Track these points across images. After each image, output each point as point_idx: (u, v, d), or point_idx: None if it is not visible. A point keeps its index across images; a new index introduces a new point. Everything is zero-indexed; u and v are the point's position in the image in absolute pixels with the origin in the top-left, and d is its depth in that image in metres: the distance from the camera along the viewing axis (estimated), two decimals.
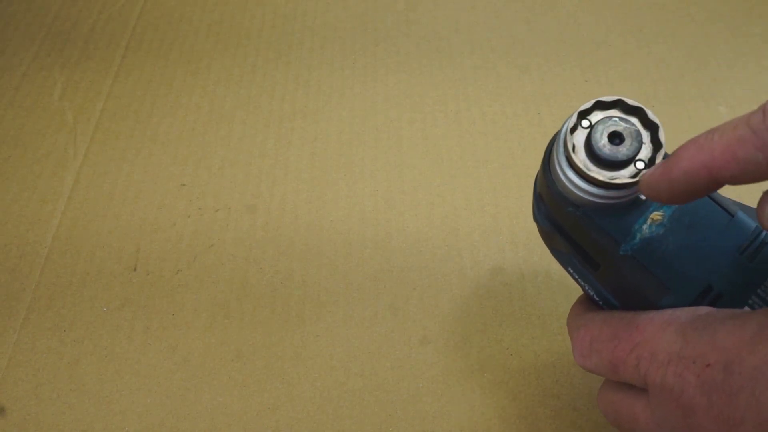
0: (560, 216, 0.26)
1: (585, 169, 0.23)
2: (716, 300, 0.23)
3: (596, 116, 0.24)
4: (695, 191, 0.21)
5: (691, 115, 0.49)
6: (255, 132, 0.50)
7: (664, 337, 0.22)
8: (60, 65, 0.55)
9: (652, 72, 0.53)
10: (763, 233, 0.24)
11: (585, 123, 0.23)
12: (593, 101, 0.23)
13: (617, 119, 0.23)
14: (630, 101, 0.23)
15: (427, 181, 0.46)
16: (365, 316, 0.39)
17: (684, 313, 0.23)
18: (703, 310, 0.23)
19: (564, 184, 0.24)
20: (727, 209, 0.24)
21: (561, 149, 0.24)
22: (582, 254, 0.26)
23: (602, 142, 0.23)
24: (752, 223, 0.24)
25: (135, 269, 0.42)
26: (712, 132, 0.20)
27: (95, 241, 0.43)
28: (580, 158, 0.23)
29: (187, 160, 0.48)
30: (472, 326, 0.39)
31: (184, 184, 0.46)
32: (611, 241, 0.24)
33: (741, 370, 0.20)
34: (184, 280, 0.41)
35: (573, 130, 0.23)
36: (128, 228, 0.44)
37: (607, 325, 0.25)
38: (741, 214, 0.24)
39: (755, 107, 0.19)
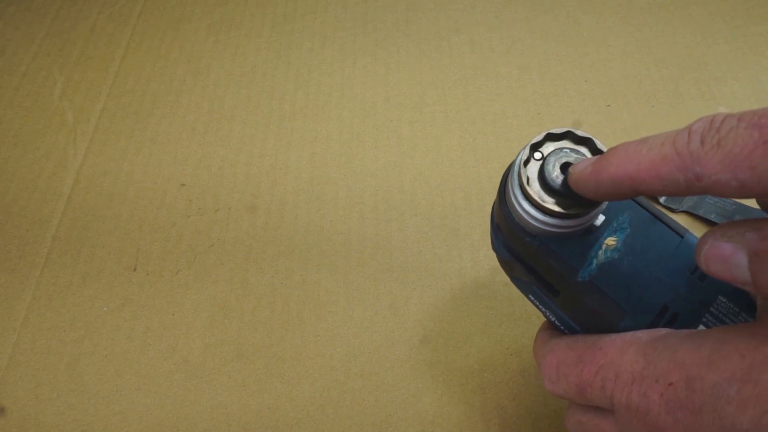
0: (518, 245, 0.26)
1: (540, 201, 0.23)
2: (673, 320, 0.24)
3: (548, 148, 0.24)
4: (618, 195, 0.22)
5: (691, 115, 0.49)
6: (255, 132, 0.50)
7: (627, 357, 0.23)
8: (60, 65, 0.55)
9: (652, 72, 0.53)
10: None
11: (537, 155, 0.24)
12: (544, 133, 0.24)
13: (568, 150, 0.24)
14: (579, 132, 0.24)
15: (426, 181, 0.46)
16: (365, 316, 0.39)
17: (644, 334, 0.24)
18: (662, 331, 0.23)
19: (520, 215, 0.24)
20: (677, 231, 0.25)
21: (516, 182, 0.24)
22: (541, 282, 0.27)
23: (555, 173, 0.24)
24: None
25: (135, 269, 0.42)
26: (642, 143, 0.21)
27: (95, 241, 0.43)
28: (535, 190, 0.24)
29: (187, 160, 0.48)
30: (472, 326, 0.39)
31: (184, 184, 0.46)
32: (569, 268, 0.25)
33: (702, 387, 0.20)
34: (184, 279, 0.41)
35: (526, 162, 0.24)
36: (128, 228, 0.44)
37: (571, 349, 0.26)
38: (689, 236, 0.25)
39: (755, 107, 0.19)
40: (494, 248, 0.29)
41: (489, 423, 0.35)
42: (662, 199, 0.43)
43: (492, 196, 0.45)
